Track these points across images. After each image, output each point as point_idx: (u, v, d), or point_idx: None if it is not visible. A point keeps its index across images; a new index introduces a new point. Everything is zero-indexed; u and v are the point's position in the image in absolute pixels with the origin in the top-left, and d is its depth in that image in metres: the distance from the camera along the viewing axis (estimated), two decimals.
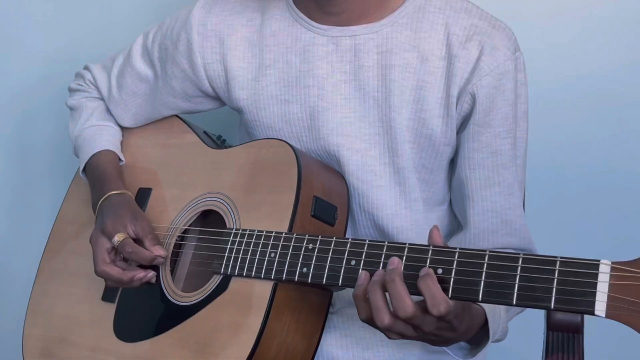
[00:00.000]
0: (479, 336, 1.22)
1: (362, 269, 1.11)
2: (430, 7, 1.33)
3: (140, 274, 1.34)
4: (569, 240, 1.85)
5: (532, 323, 1.53)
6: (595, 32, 1.86)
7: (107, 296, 1.44)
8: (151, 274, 1.35)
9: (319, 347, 1.32)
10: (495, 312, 1.22)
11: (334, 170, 1.37)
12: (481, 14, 1.34)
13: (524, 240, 1.36)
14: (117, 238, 1.35)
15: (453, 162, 1.39)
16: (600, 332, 1.44)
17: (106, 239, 1.37)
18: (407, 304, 1.03)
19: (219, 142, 1.54)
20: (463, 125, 1.34)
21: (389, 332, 1.08)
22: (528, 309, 1.11)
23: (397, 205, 1.36)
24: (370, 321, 1.08)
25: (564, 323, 1.44)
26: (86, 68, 1.62)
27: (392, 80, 1.32)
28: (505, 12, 1.82)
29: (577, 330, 1.44)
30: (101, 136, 1.54)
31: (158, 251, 1.35)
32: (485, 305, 1.20)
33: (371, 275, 1.09)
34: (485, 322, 1.20)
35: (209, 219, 1.40)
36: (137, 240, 1.37)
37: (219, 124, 1.72)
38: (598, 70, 1.86)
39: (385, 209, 1.36)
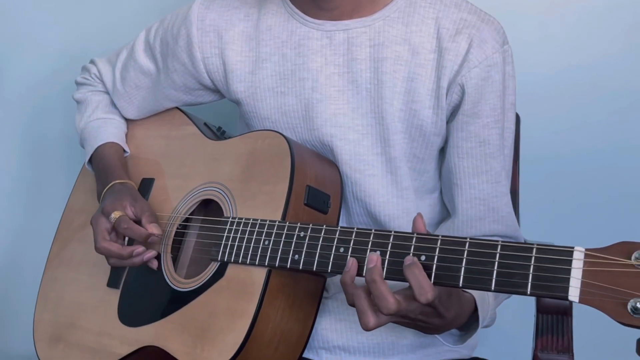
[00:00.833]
0: (469, 323, 1.24)
1: (351, 256, 1.14)
2: (421, 2, 1.34)
3: (140, 248, 1.36)
4: (562, 227, 1.87)
5: (524, 306, 1.56)
6: (588, 24, 1.87)
7: (112, 282, 1.47)
8: (152, 252, 1.37)
9: (315, 331, 1.35)
10: (484, 299, 1.24)
11: (327, 159, 1.39)
12: (470, 8, 1.35)
13: (510, 228, 1.37)
14: (114, 215, 1.38)
15: (443, 152, 1.40)
16: (589, 314, 1.45)
17: (105, 218, 1.39)
18: (390, 301, 1.05)
19: (219, 134, 1.56)
20: (452, 115, 1.35)
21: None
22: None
23: (389, 194, 1.38)
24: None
25: (553, 306, 1.47)
26: (92, 62, 1.65)
27: (383, 72, 1.33)
28: (501, 5, 1.86)
29: (565, 313, 1.47)
30: (106, 129, 1.57)
31: (152, 229, 1.37)
32: (474, 293, 1.23)
33: (359, 263, 1.12)
34: (475, 309, 1.23)
35: (211, 207, 1.43)
36: (136, 222, 1.40)
37: (222, 116, 1.75)
38: (591, 61, 1.88)
39: (378, 197, 1.38)
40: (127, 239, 1.41)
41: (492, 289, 1.02)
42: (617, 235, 0.99)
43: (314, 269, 1.19)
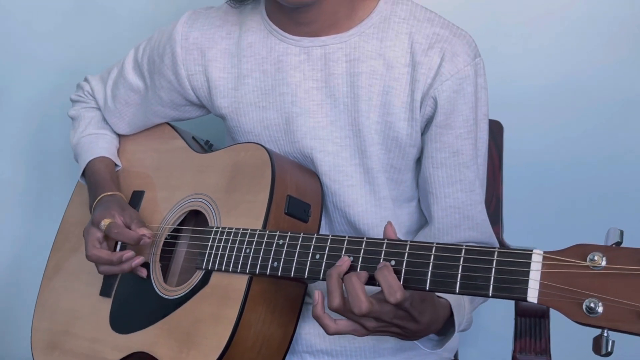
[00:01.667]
0: (446, 327, 1.26)
1: (325, 262, 1.17)
2: (395, 18, 1.37)
3: (129, 253, 1.39)
4: (545, 233, 1.89)
5: (509, 309, 1.58)
6: (571, 35, 1.90)
7: (104, 291, 1.50)
8: (140, 258, 1.40)
9: (299, 336, 1.38)
10: (460, 305, 1.26)
11: (309, 170, 1.42)
12: (443, 22, 1.37)
13: (485, 234, 1.40)
14: (104, 223, 1.41)
15: (420, 162, 1.43)
16: (565, 317, 1.48)
17: (95, 228, 1.43)
18: (363, 301, 1.07)
19: (207, 147, 1.60)
20: (427, 127, 1.38)
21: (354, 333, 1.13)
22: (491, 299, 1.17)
23: (368, 203, 1.41)
24: (340, 312, 1.12)
25: (531, 309, 1.50)
26: (86, 80, 1.69)
27: (359, 86, 1.36)
28: (485, 17, 1.90)
29: (543, 316, 1.50)
30: (97, 144, 1.60)
31: (143, 231, 1.41)
32: (449, 298, 1.25)
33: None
34: (451, 314, 1.25)
35: (201, 217, 1.47)
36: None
37: (216, 130, 1.78)
38: (573, 71, 1.91)
39: (357, 206, 1.41)
40: (119, 245, 1.45)
41: (457, 291, 1.05)
42: (597, 239, 1.02)
43: (292, 275, 1.22)
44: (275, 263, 1.24)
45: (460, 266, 1.05)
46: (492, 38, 1.90)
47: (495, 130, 1.79)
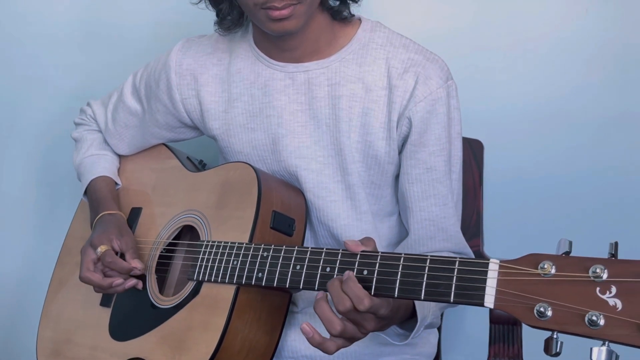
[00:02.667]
0: (413, 323, 1.30)
1: (305, 272, 1.23)
2: (373, 44, 1.44)
3: (118, 280, 1.46)
4: (524, 245, 1.93)
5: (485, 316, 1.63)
6: (551, 58, 1.95)
7: (104, 302, 1.57)
8: (132, 281, 1.47)
9: (285, 342, 1.44)
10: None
11: (294, 187, 1.48)
12: (417, 48, 1.44)
13: (459, 245, 1.45)
14: (100, 249, 1.48)
15: (398, 178, 1.49)
16: None
17: (92, 250, 1.49)
18: (362, 297, 1.12)
19: (200, 166, 1.67)
20: (403, 145, 1.44)
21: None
22: None
23: (349, 218, 1.47)
24: (349, 313, 1.15)
25: (504, 317, 1.55)
26: (88, 104, 1.76)
27: (341, 108, 1.43)
28: (468, 41, 1.95)
29: (515, 323, 1.55)
30: (99, 164, 1.67)
31: (135, 264, 1.47)
32: None
33: (311, 278, 1.21)
34: (414, 309, 1.28)
35: (194, 232, 1.54)
36: (121, 255, 1.50)
37: (209, 150, 1.85)
38: (554, 91, 1.96)
39: (339, 220, 1.47)
40: None
41: (422, 298, 1.11)
42: (574, 252, 1.07)
43: (275, 284, 1.28)
44: (260, 274, 1.30)
45: (425, 275, 1.11)
46: (475, 60, 1.96)
47: (476, 148, 1.86)
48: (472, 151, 1.87)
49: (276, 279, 1.28)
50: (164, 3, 2.03)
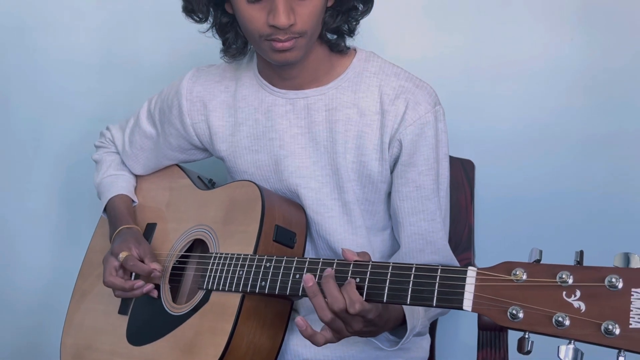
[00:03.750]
0: (403, 330, 1.37)
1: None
2: (367, 73, 1.52)
3: (140, 282, 1.54)
4: (517, 256, 2.00)
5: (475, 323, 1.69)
6: (537, 82, 2.01)
7: (122, 310, 1.65)
8: (150, 286, 1.55)
9: (287, 346, 1.51)
10: (414, 310, 1.38)
11: (295, 203, 1.56)
12: (407, 76, 1.52)
13: (447, 257, 1.53)
14: (122, 255, 1.56)
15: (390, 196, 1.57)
16: None
17: (114, 258, 1.57)
18: (338, 297, 1.21)
19: (210, 185, 1.76)
20: (394, 165, 1.51)
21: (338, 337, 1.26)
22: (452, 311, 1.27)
23: (345, 232, 1.55)
24: (340, 313, 1.23)
25: (491, 323, 1.61)
26: (107, 128, 1.86)
27: (337, 132, 1.51)
28: (463, 65, 2.01)
29: (502, 329, 1.61)
30: (117, 183, 1.76)
31: (154, 265, 1.55)
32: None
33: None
34: (404, 317, 1.36)
35: (204, 245, 1.62)
36: (140, 261, 1.57)
37: (220, 170, 1.93)
38: (540, 113, 2.01)
39: (336, 234, 1.55)
40: (133, 275, 1.60)
41: (408, 302, 1.18)
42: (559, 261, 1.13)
43: (277, 292, 1.36)
44: (263, 282, 1.38)
45: (411, 282, 1.18)
46: (465, 85, 2.03)
47: (468, 167, 1.93)
48: (464, 170, 1.94)
49: (278, 287, 1.36)
50: (177, 34, 2.11)
